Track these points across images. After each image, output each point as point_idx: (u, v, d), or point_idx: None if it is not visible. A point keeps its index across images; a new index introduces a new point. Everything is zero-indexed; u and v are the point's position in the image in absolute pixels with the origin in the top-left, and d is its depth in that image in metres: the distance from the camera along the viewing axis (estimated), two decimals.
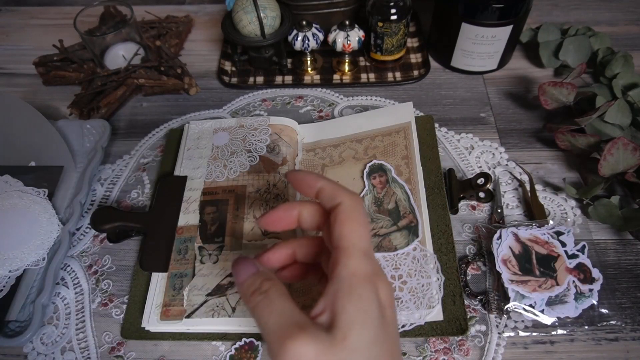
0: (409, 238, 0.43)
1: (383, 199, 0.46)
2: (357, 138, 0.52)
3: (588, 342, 0.40)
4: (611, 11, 0.71)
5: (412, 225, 0.44)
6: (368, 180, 0.48)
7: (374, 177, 0.48)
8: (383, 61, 0.63)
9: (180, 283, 0.42)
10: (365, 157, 0.49)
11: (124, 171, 0.55)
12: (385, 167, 0.48)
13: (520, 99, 0.60)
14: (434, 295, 0.40)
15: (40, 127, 0.52)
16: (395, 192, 0.46)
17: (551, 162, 0.53)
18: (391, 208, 0.45)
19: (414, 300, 0.40)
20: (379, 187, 0.47)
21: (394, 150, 0.49)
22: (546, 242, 0.43)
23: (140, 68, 0.61)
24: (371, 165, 0.49)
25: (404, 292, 0.40)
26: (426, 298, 0.40)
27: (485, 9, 0.54)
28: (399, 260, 0.42)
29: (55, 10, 0.78)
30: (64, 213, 0.49)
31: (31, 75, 0.66)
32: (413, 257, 0.42)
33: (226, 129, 0.53)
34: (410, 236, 0.44)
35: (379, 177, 0.48)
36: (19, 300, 0.43)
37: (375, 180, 0.48)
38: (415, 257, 0.42)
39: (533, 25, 0.65)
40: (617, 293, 0.43)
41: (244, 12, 0.56)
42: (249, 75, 0.65)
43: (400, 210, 0.45)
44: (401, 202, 0.46)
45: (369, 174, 0.48)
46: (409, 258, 0.42)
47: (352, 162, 0.50)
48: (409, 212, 0.45)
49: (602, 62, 0.59)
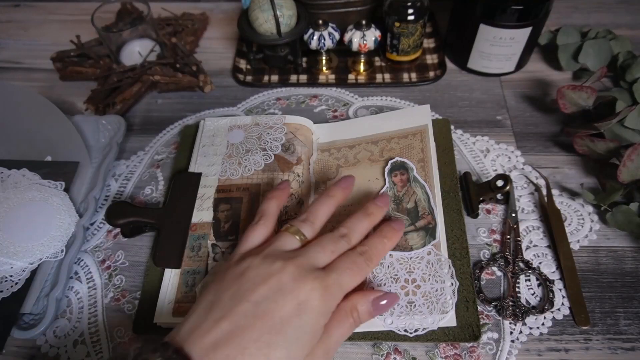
0: (425, 239, 0.43)
1: (403, 197, 0.46)
2: (372, 140, 0.51)
3: (604, 351, 0.40)
4: (632, 14, 0.70)
5: (429, 227, 0.44)
6: (389, 177, 0.47)
7: (395, 174, 0.47)
8: (399, 62, 0.63)
9: (193, 280, 0.42)
10: (381, 160, 0.49)
11: (138, 167, 0.55)
12: (407, 165, 0.48)
13: (537, 102, 0.59)
14: (447, 301, 0.39)
15: (57, 122, 0.52)
16: (416, 191, 0.46)
17: (568, 167, 0.52)
18: (410, 207, 0.45)
19: (427, 305, 0.39)
20: (399, 185, 0.46)
21: (410, 153, 0.49)
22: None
23: (156, 65, 0.61)
24: (393, 162, 0.48)
25: (417, 296, 0.40)
26: (440, 303, 0.39)
27: (504, 11, 0.53)
28: (413, 263, 0.42)
29: (73, 6, 0.79)
30: (79, 208, 0.49)
31: (48, 70, 0.67)
32: (427, 261, 0.42)
33: (241, 127, 0.53)
34: (427, 237, 0.43)
35: (400, 174, 0.47)
36: (33, 294, 0.43)
37: (396, 177, 0.47)
38: (429, 261, 0.42)
39: (552, 27, 0.64)
40: (635, 301, 0.42)
41: (260, 11, 0.56)
42: (263, 74, 0.65)
43: (420, 210, 0.45)
44: (420, 202, 0.45)
45: (390, 170, 0.48)
46: (423, 262, 0.42)
47: (367, 163, 0.49)
48: (427, 213, 0.44)
49: (623, 66, 0.58)
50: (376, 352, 0.40)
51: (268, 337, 0.30)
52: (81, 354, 0.41)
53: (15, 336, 0.41)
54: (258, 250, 0.36)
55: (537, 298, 0.43)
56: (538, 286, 0.43)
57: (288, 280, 0.32)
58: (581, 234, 0.46)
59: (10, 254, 0.44)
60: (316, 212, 0.39)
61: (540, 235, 0.46)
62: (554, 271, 0.44)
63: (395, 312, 0.40)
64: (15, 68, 0.69)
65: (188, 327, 0.31)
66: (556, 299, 0.42)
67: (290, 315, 0.31)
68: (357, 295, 0.35)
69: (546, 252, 0.45)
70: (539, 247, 0.46)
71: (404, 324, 0.39)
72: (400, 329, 0.39)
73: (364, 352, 0.40)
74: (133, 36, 0.62)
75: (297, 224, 0.37)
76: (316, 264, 0.34)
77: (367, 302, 0.35)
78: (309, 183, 0.49)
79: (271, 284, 0.32)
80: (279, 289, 0.32)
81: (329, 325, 0.33)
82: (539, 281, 0.43)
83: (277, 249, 0.35)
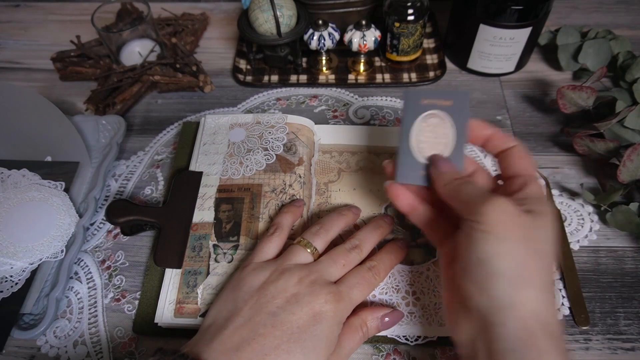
0: (424, 257, 0.44)
1: None
2: (375, 151, 0.52)
3: (604, 351, 0.40)
4: (632, 14, 0.70)
5: (429, 246, 0.44)
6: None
7: None
8: (399, 62, 0.63)
9: (194, 281, 0.42)
10: (383, 173, 0.49)
11: (138, 167, 0.55)
12: None
13: (537, 102, 0.59)
14: (445, 315, 0.40)
15: (57, 122, 0.52)
16: None
17: (568, 167, 0.52)
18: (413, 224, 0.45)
19: (427, 317, 0.40)
20: None
21: None
22: None
23: (156, 65, 0.61)
24: None
25: (417, 308, 0.41)
26: (438, 316, 0.40)
27: (504, 11, 0.53)
28: (413, 277, 0.43)
29: (73, 6, 0.79)
30: (79, 208, 0.49)
31: (48, 71, 0.67)
32: (427, 277, 0.43)
33: (242, 125, 0.52)
34: (427, 256, 0.44)
35: None
36: (33, 294, 0.43)
37: None
38: (428, 276, 0.43)
39: (552, 27, 0.64)
40: (635, 302, 0.42)
41: (260, 11, 0.56)
42: (263, 74, 0.65)
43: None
44: None
45: None
46: (422, 277, 0.43)
47: (369, 173, 0.50)
48: None
49: (623, 66, 0.58)
50: (376, 352, 0.40)
51: (287, 345, 0.32)
52: (81, 354, 0.41)
53: (15, 336, 0.41)
54: (274, 263, 0.38)
55: None
56: None
57: (304, 294, 0.35)
58: (581, 234, 0.46)
59: (10, 254, 0.44)
60: (328, 227, 0.41)
61: None
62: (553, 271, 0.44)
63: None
64: (15, 68, 0.69)
65: (209, 337, 0.33)
66: (556, 299, 0.42)
67: (307, 324, 0.33)
68: (367, 311, 0.38)
69: None
70: None
71: (405, 333, 0.40)
72: (401, 336, 0.40)
73: (364, 352, 0.40)
74: (133, 36, 0.62)
75: (309, 236, 0.40)
76: (329, 279, 0.37)
77: (375, 319, 0.38)
78: (310, 184, 0.49)
79: (289, 297, 0.35)
80: (296, 301, 0.34)
81: (341, 337, 0.36)
82: None
83: (293, 262, 0.38)
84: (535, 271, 0.30)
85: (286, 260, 0.38)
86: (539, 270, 0.30)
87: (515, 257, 0.29)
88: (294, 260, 0.38)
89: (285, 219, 0.43)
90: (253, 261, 0.39)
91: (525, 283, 0.29)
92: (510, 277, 0.29)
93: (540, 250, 0.30)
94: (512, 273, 0.29)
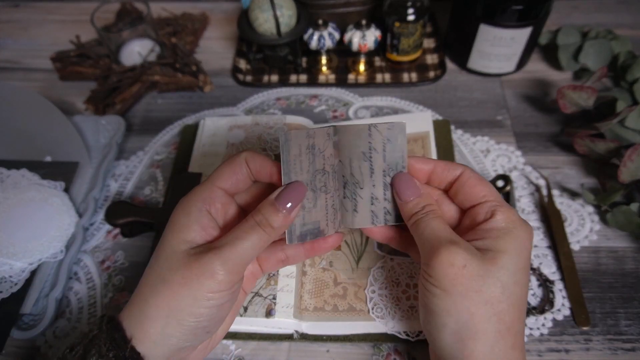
0: None
1: None
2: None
3: (604, 352, 0.40)
4: (632, 14, 0.70)
5: None
6: None
7: None
8: (399, 62, 0.63)
9: None
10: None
11: (137, 167, 0.55)
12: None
13: (537, 102, 0.59)
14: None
15: (57, 122, 0.52)
16: None
17: (569, 167, 0.52)
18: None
19: None
20: None
21: None
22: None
23: (156, 65, 0.61)
24: None
25: (418, 301, 0.40)
26: None
27: (505, 11, 0.53)
28: (414, 269, 0.42)
29: (73, 6, 0.79)
30: (79, 208, 0.49)
31: (48, 71, 0.67)
32: None
33: (241, 127, 0.52)
34: None
35: None
36: (33, 294, 0.43)
37: None
38: None
39: (552, 27, 0.64)
40: (635, 302, 0.42)
41: (260, 10, 0.56)
42: (263, 74, 0.65)
43: None
44: None
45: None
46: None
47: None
48: None
49: (623, 66, 0.58)
50: (376, 352, 0.40)
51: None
52: None
53: (14, 336, 0.41)
54: None
55: (537, 299, 0.42)
56: (538, 287, 0.43)
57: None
58: (581, 235, 0.46)
59: (10, 255, 0.44)
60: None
61: (541, 236, 0.46)
62: (554, 272, 0.44)
63: (397, 316, 0.40)
64: (15, 68, 0.69)
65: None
66: (556, 299, 0.42)
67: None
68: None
69: (546, 252, 0.45)
70: (539, 248, 0.46)
71: (406, 328, 0.39)
72: (402, 332, 0.39)
73: (364, 352, 0.40)
74: (133, 36, 0.62)
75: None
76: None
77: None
78: None
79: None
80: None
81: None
82: (539, 282, 0.43)
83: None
84: (485, 321, 0.29)
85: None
86: (488, 319, 0.29)
87: (459, 311, 0.29)
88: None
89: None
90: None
91: (472, 337, 0.29)
92: (456, 331, 0.29)
93: (491, 299, 0.29)
94: (457, 326, 0.29)
